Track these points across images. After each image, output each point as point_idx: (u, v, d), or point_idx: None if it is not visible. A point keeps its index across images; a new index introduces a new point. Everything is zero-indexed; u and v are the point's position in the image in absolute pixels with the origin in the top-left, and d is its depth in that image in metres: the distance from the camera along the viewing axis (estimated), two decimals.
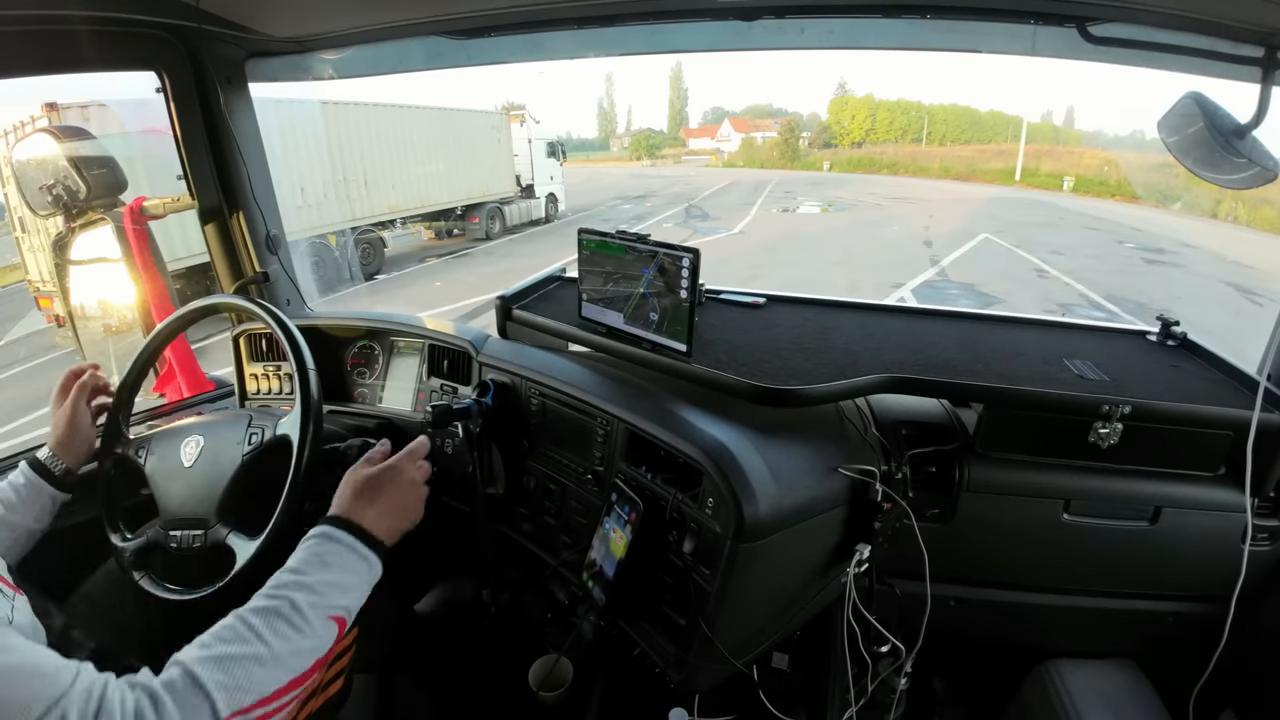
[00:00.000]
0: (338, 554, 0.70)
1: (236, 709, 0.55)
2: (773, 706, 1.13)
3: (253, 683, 0.57)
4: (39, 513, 0.93)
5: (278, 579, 0.66)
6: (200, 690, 0.55)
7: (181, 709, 0.53)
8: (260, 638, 0.60)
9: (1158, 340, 1.31)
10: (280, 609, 0.63)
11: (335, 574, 0.68)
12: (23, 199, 1.44)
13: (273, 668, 0.59)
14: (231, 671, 0.56)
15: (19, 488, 0.92)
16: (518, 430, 1.27)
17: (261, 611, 0.62)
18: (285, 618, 0.62)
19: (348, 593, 0.68)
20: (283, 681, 0.59)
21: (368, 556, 0.72)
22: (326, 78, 1.44)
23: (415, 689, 1.38)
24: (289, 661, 0.60)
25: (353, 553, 0.71)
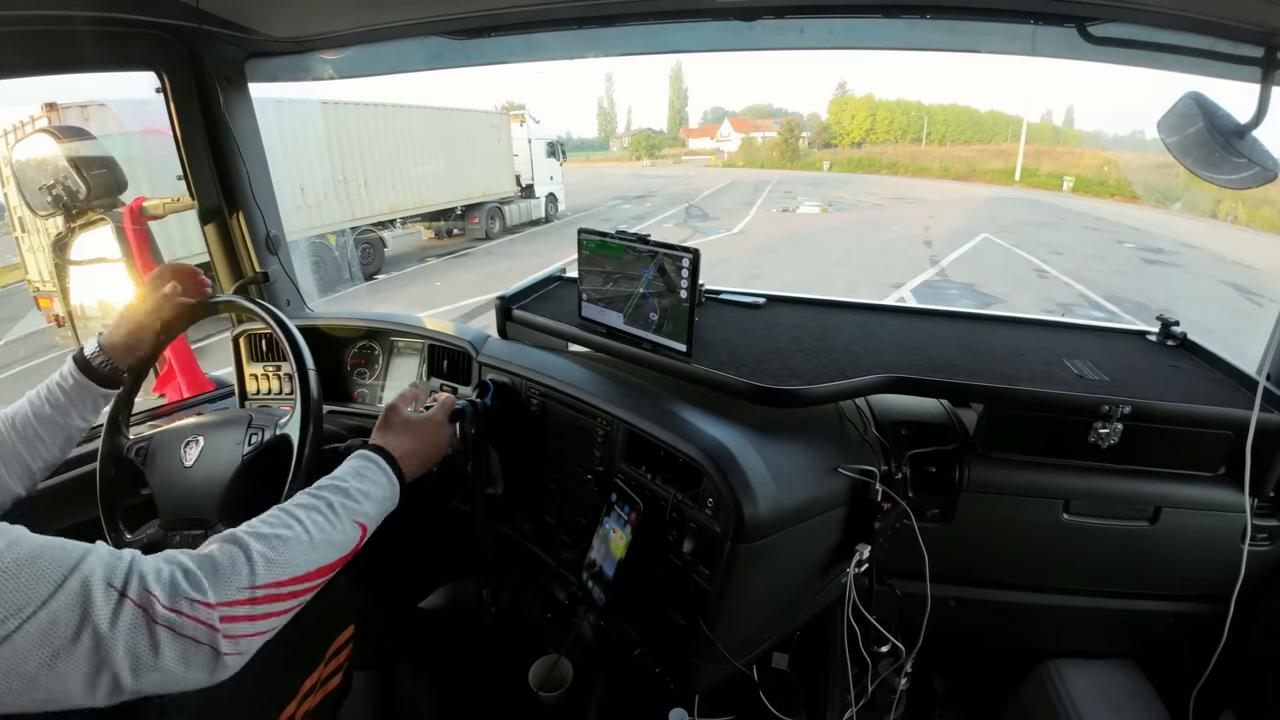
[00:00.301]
0: (372, 471, 0.80)
1: (271, 580, 0.62)
2: (773, 706, 1.13)
3: (290, 560, 0.64)
4: (85, 411, 0.94)
5: (321, 482, 0.76)
6: (245, 555, 0.61)
7: (220, 576, 0.59)
8: (301, 524, 0.68)
9: (1157, 340, 1.31)
10: (319, 505, 0.71)
11: (367, 485, 0.77)
12: (23, 199, 1.44)
13: (308, 552, 0.66)
14: (275, 546, 0.64)
15: (67, 389, 0.92)
16: (517, 431, 1.27)
17: (304, 505, 0.71)
18: (322, 513, 0.71)
19: (375, 504, 0.77)
20: (312, 567, 0.66)
21: (394, 481, 0.82)
22: (326, 78, 1.44)
23: (416, 688, 1.38)
24: (321, 550, 0.68)
25: (383, 473, 0.81)
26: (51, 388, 0.92)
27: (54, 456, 0.92)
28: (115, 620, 0.53)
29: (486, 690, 1.37)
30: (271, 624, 0.63)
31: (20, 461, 0.88)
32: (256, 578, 0.61)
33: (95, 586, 0.53)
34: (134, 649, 0.53)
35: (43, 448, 0.90)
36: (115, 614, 0.53)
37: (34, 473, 0.90)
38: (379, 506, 0.78)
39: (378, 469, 0.81)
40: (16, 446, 0.88)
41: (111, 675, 0.52)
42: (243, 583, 0.60)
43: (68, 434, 0.93)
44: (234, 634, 0.59)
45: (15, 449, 0.87)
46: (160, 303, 0.99)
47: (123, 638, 0.53)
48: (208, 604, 0.57)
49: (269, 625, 0.62)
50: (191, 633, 0.56)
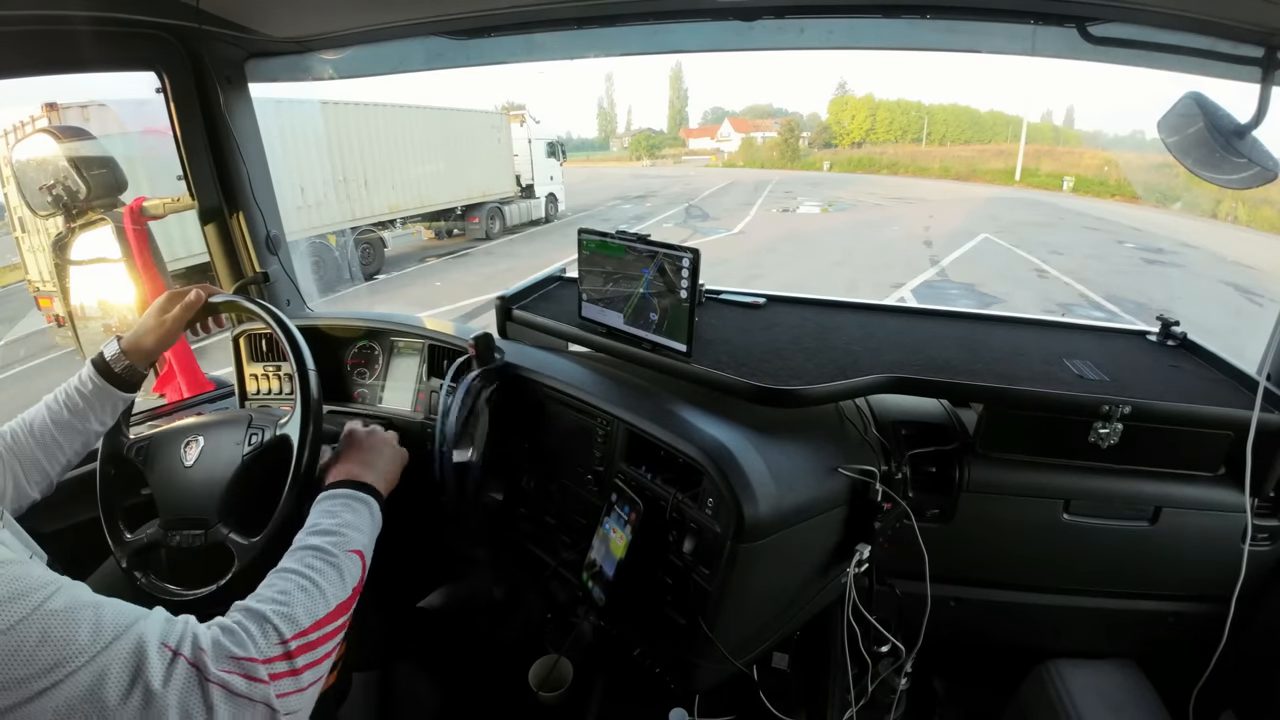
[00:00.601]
0: (342, 504, 0.80)
1: (297, 630, 0.62)
2: (773, 706, 1.13)
3: (307, 608, 0.65)
4: (104, 415, 0.94)
5: (296, 540, 0.75)
6: (265, 620, 0.61)
7: (251, 636, 0.59)
8: (300, 575, 0.68)
9: (1158, 340, 1.31)
10: (308, 555, 0.71)
11: (344, 518, 0.78)
12: (23, 199, 1.44)
13: (318, 596, 0.67)
14: (285, 604, 0.64)
15: (86, 394, 0.91)
16: (517, 425, 1.27)
17: (296, 560, 0.71)
18: (316, 557, 0.71)
19: (360, 531, 0.78)
20: (331, 607, 0.67)
21: (367, 500, 0.83)
22: (326, 78, 1.44)
23: (415, 688, 1.38)
24: (330, 590, 0.68)
25: (353, 500, 0.81)
26: (70, 393, 0.91)
27: (71, 461, 0.91)
28: (169, 679, 0.52)
29: (486, 690, 1.37)
30: (314, 675, 0.62)
31: (39, 468, 0.88)
32: (284, 634, 0.61)
33: (150, 645, 0.52)
34: (186, 708, 0.52)
35: (60, 453, 0.89)
36: (169, 672, 0.52)
37: (51, 478, 0.90)
38: (366, 531, 0.79)
39: (346, 499, 0.81)
40: (35, 454, 0.87)
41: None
42: (274, 640, 0.60)
43: (85, 438, 0.92)
44: (283, 692, 0.58)
45: (34, 456, 0.87)
46: (184, 312, 0.99)
47: (175, 695, 0.52)
48: (252, 659, 0.57)
49: (312, 677, 0.62)
50: (244, 691, 0.56)
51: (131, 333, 0.96)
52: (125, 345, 0.94)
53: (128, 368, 0.94)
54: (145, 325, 0.97)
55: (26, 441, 0.87)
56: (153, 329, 0.96)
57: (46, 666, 0.47)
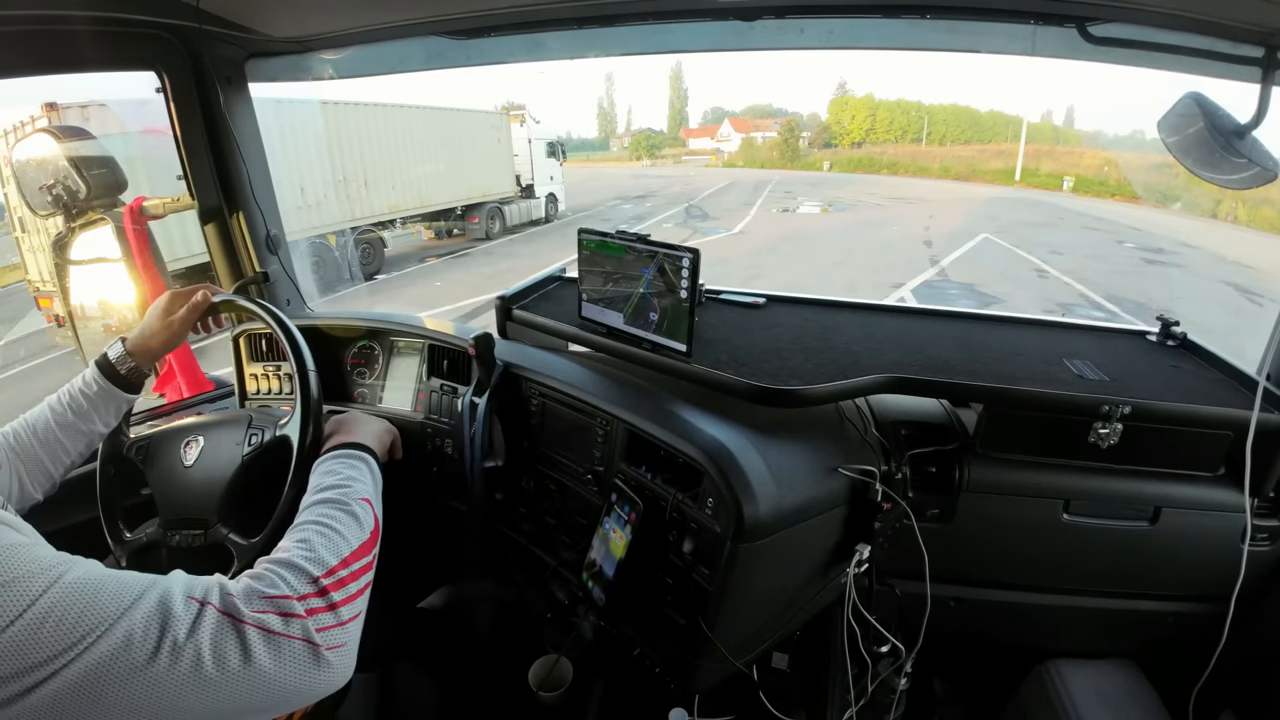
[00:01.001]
0: (339, 463, 0.82)
1: (324, 569, 0.63)
2: (773, 707, 1.13)
3: (331, 549, 0.66)
4: (108, 416, 0.94)
5: (303, 503, 0.76)
6: (291, 565, 0.63)
7: (283, 578, 0.60)
8: (316, 524, 0.69)
9: (1157, 340, 1.31)
10: (319, 507, 0.73)
11: (345, 474, 0.79)
12: (23, 199, 1.44)
13: (337, 538, 0.68)
14: (308, 548, 0.65)
15: (90, 396, 0.91)
16: (518, 422, 1.27)
17: (306, 515, 0.72)
18: (327, 508, 0.72)
19: (363, 483, 0.79)
20: (352, 546, 0.68)
21: (363, 457, 0.85)
22: (326, 78, 1.44)
23: (415, 688, 1.38)
24: (349, 532, 0.69)
25: (349, 458, 0.83)
26: (74, 394, 0.91)
27: (74, 461, 0.91)
28: (195, 628, 0.51)
29: (486, 690, 1.37)
30: (352, 609, 0.63)
31: (43, 469, 0.87)
32: (312, 573, 0.62)
33: (175, 599, 0.52)
34: (220, 653, 0.51)
35: (64, 454, 0.89)
36: (196, 622, 0.52)
37: (55, 479, 0.90)
38: (369, 483, 0.80)
39: (342, 458, 0.83)
40: (39, 454, 0.87)
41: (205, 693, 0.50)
42: (305, 579, 0.61)
43: (89, 439, 0.92)
44: (323, 625, 0.59)
45: (38, 457, 0.87)
46: (190, 313, 0.99)
47: (207, 641, 0.51)
48: (287, 597, 0.58)
49: (351, 611, 0.63)
50: (281, 629, 0.56)
51: (136, 334, 0.96)
52: (131, 347, 0.94)
53: (133, 369, 0.94)
54: (150, 327, 0.96)
55: (30, 442, 0.87)
56: (159, 330, 0.96)
57: (72, 639, 0.46)
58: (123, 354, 0.94)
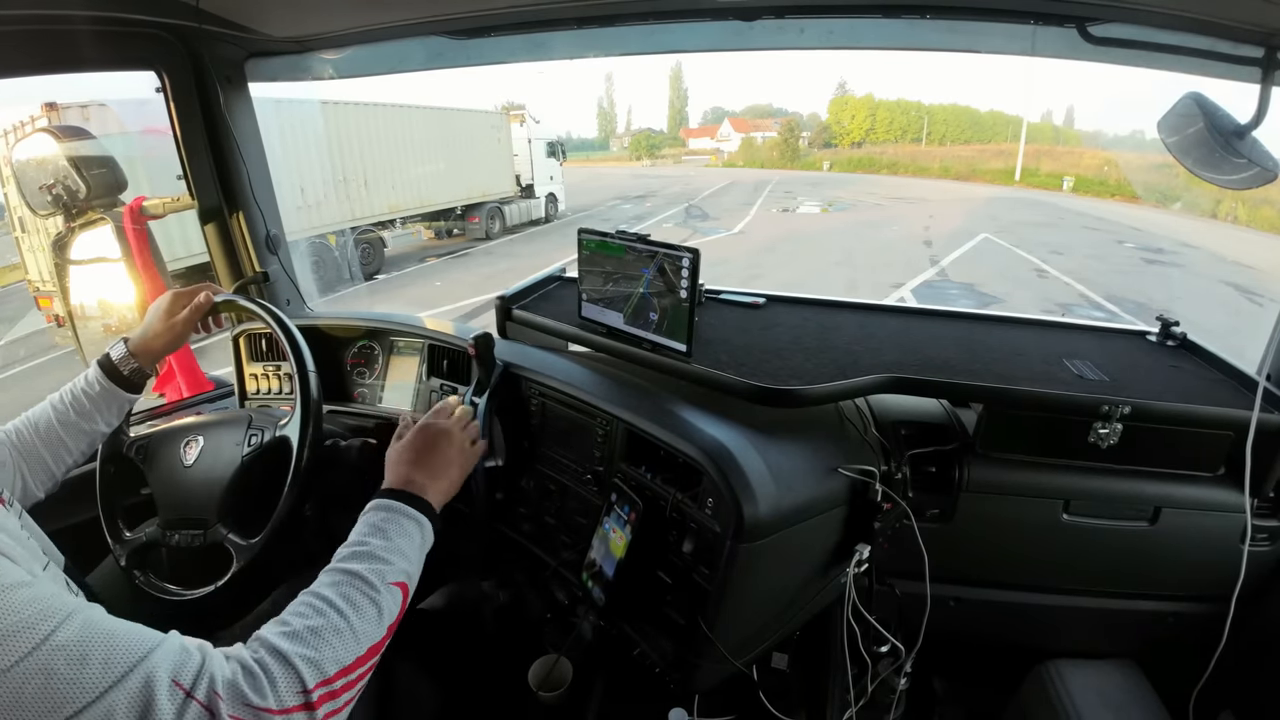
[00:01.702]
0: (394, 521, 0.72)
1: (321, 679, 0.57)
2: (773, 707, 1.12)
3: (334, 653, 0.59)
4: (110, 416, 0.94)
5: (341, 554, 0.68)
6: (288, 664, 0.56)
7: (272, 681, 0.55)
8: (336, 609, 0.62)
9: (1157, 340, 1.31)
10: (349, 581, 0.65)
11: (393, 540, 0.70)
12: (23, 199, 1.44)
13: (350, 638, 0.61)
14: (314, 645, 0.58)
15: (93, 396, 0.91)
16: (518, 421, 1.27)
17: (332, 585, 0.64)
18: (355, 588, 0.64)
19: (407, 558, 0.70)
20: (361, 650, 0.61)
21: (420, 520, 0.74)
22: (326, 78, 1.44)
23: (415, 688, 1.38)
24: (364, 630, 0.62)
25: (407, 519, 0.73)
26: (76, 393, 0.91)
27: (76, 460, 0.91)
28: None
29: (486, 690, 1.37)
30: (339, 718, 0.59)
31: (44, 467, 0.88)
32: (307, 683, 0.56)
33: (160, 683, 0.49)
34: None
35: (66, 453, 0.89)
36: (180, 714, 0.49)
37: (56, 478, 0.90)
38: (413, 558, 0.72)
39: (400, 516, 0.73)
40: (41, 452, 0.87)
41: None
42: (295, 688, 0.56)
43: (91, 439, 0.93)
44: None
45: (39, 454, 0.87)
46: (193, 314, 0.99)
47: None
48: (269, 710, 0.54)
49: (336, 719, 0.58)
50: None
51: (139, 334, 0.96)
52: (133, 347, 0.94)
53: (135, 369, 0.94)
54: (153, 328, 0.96)
55: (32, 440, 0.87)
56: (162, 332, 0.96)
57: (48, 708, 0.44)
58: (125, 354, 0.94)
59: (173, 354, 1.53)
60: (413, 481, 0.78)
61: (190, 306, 0.98)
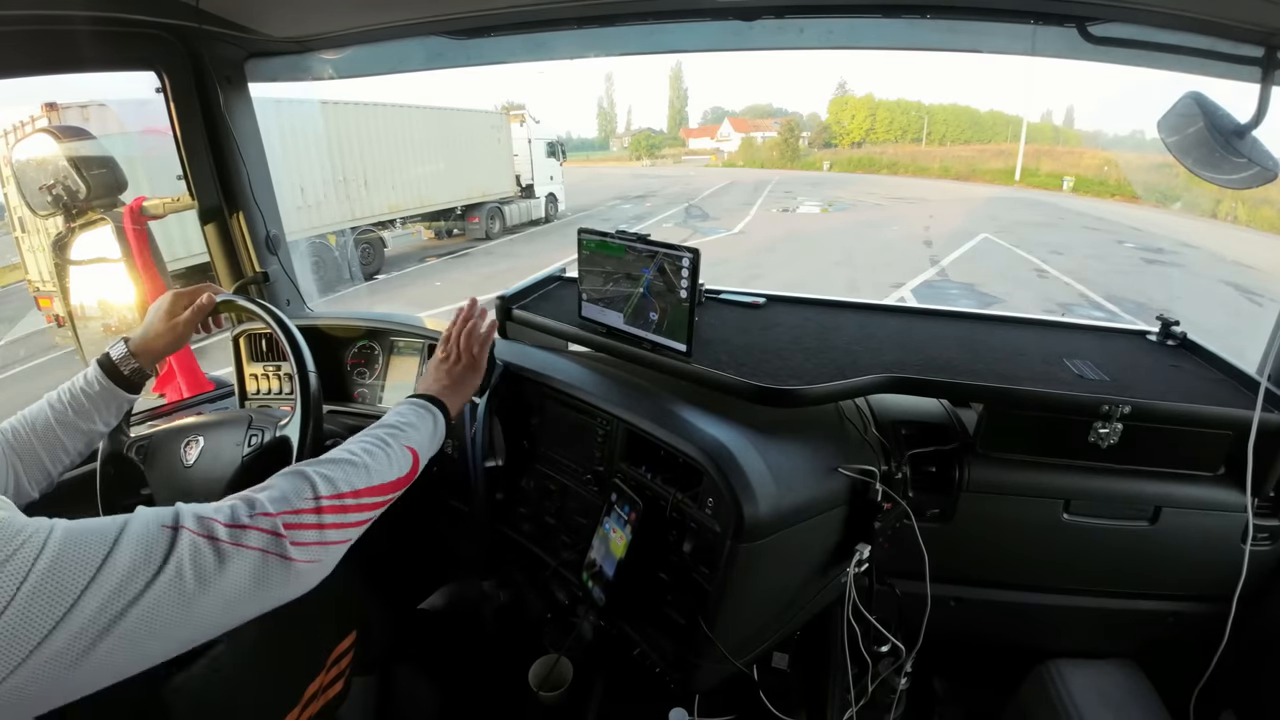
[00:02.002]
0: (415, 410, 0.87)
1: (332, 492, 0.66)
2: (773, 706, 1.12)
3: (346, 477, 0.69)
4: (108, 415, 0.93)
5: (371, 426, 0.82)
6: (303, 476, 0.66)
7: (283, 491, 0.64)
8: (351, 452, 0.74)
9: (1158, 340, 1.31)
10: (370, 438, 0.78)
11: (409, 419, 0.84)
12: (23, 199, 1.44)
13: (362, 472, 0.71)
14: (330, 468, 0.69)
15: (92, 395, 0.91)
16: (518, 421, 1.27)
17: (357, 440, 0.77)
18: (372, 441, 0.77)
19: (421, 433, 0.84)
20: (371, 483, 0.71)
21: (436, 415, 0.89)
22: (326, 78, 1.44)
23: (415, 689, 1.38)
24: (376, 471, 0.73)
25: (427, 411, 0.88)
26: (74, 392, 0.91)
27: (73, 460, 0.91)
28: (173, 548, 0.54)
29: (486, 690, 1.37)
30: (341, 535, 0.66)
31: (40, 466, 0.87)
32: (319, 491, 0.65)
33: (150, 533, 0.54)
34: (200, 567, 0.54)
35: (63, 453, 0.89)
36: (172, 544, 0.54)
37: (52, 477, 0.89)
38: (426, 435, 0.84)
39: (420, 409, 0.87)
40: (37, 451, 0.86)
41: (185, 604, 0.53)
42: (306, 495, 0.64)
43: (89, 438, 0.92)
44: (301, 541, 0.61)
45: (36, 453, 0.86)
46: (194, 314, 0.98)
47: (187, 560, 0.54)
48: (267, 514, 0.60)
49: (339, 536, 0.66)
50: (256, 542, 0.58)
51: (139, 335, 0.95)
52: (134, 347, 0.94)
53: (135, 369, 0.94)
54: (154, 328, 0.96)
55: (29, 439, 0.86)
56: (163, 332, 0.96)
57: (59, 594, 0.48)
58: (125, 354, 0.93)
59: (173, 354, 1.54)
60: (433, 388, 0.94)
61: (192, 307, 0.98)
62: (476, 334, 1.03)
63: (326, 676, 0.96)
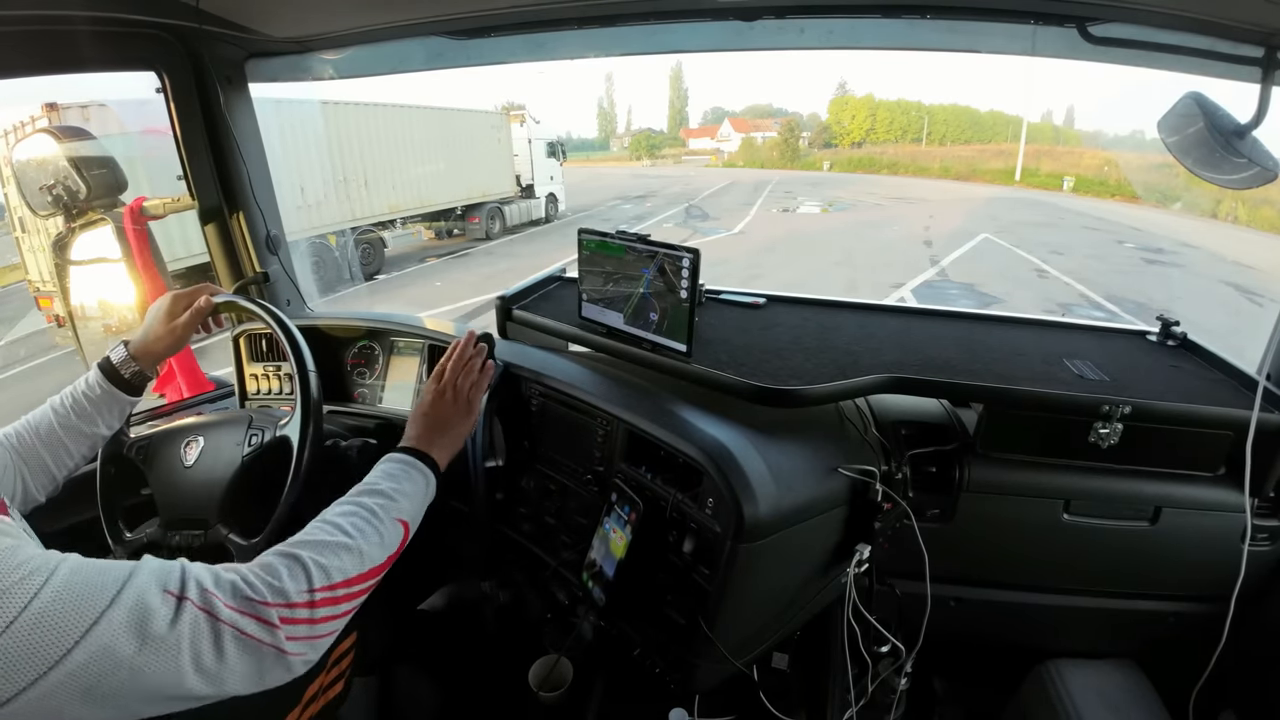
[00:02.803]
0: (404, 470, 0.81)
1: (326, 583, 0.63)
2: (773, 707, 1.12)
3: (340, 564, 0.66)
4: (111, 419, 0.93)
5: (355, 490, 0.76)
6: (299, 563, 0.63)
7: (279, 579, 0.61)
8: (344, 531, 0.69)
9: (1158, 340, 1.31)
10: (359, 511, 0.72)
11: (402, 484, 0.79)
12: (23, 199, 1.44)
13: (356, 556, 0.68)
14: (324, 553, 0.65)
15: (93, 398, 0.91)
16: (519, 422, 1.27)
17: (342, 514, 0.72)
18: (363, 517, 0.72)
19: (411, 501, 0.79)
20: (363, 569, 0.68)
21: (428, 474, 0.83)
22: (326, 78, 1.44)
23: (415, 689, 1.38)
24: (368, 552, 0.69)
25: (416, 470, 0.82)
26: (77, 396, 0.91)
27: (76, 463, 0.91)
28: (175, 622, 0.53)
29: (486, 690, 1.37)
30: (331, 626, 0.64)
31: (45, 470, 0.87)
32: (314, 583, 0.62)
33: (151, 596, 0.53)
34: (197, 650, 0.54)
35: (68, 456, 0.89)
36: (175, 616, 0.53)
37: (57, 481, 0.90)
38: (417, 502, 0.80)
39: (409, 468, 0.82)
40: (41, 455, 0.87)
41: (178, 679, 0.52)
42: (302, 587, 0.62)
43: (92, 441, 0.92)
44: (295, 635, 0.60)
45: (40, 457, 0.87)
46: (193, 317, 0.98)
47: (186, 639, 0.53)
48: (265, 603, 0.59)
49: (328, 629, 0.64)
50: (254, 632, 0.57)
51: (139, 337, 0.95)
52: (133, 350, 0.94)
53: (136, 372, 0.94)
54: (153, 331, 0.96)
55: (33, 443, 0.87)
56: (163, 335, 0.96)
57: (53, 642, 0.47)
58: (125, 357, 0.93)
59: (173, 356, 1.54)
60: (422, 438, 0.86)
61: (190, 309, 0.98)
62: (471, 373, 0.96)
63: (327, 677, 0.96)
